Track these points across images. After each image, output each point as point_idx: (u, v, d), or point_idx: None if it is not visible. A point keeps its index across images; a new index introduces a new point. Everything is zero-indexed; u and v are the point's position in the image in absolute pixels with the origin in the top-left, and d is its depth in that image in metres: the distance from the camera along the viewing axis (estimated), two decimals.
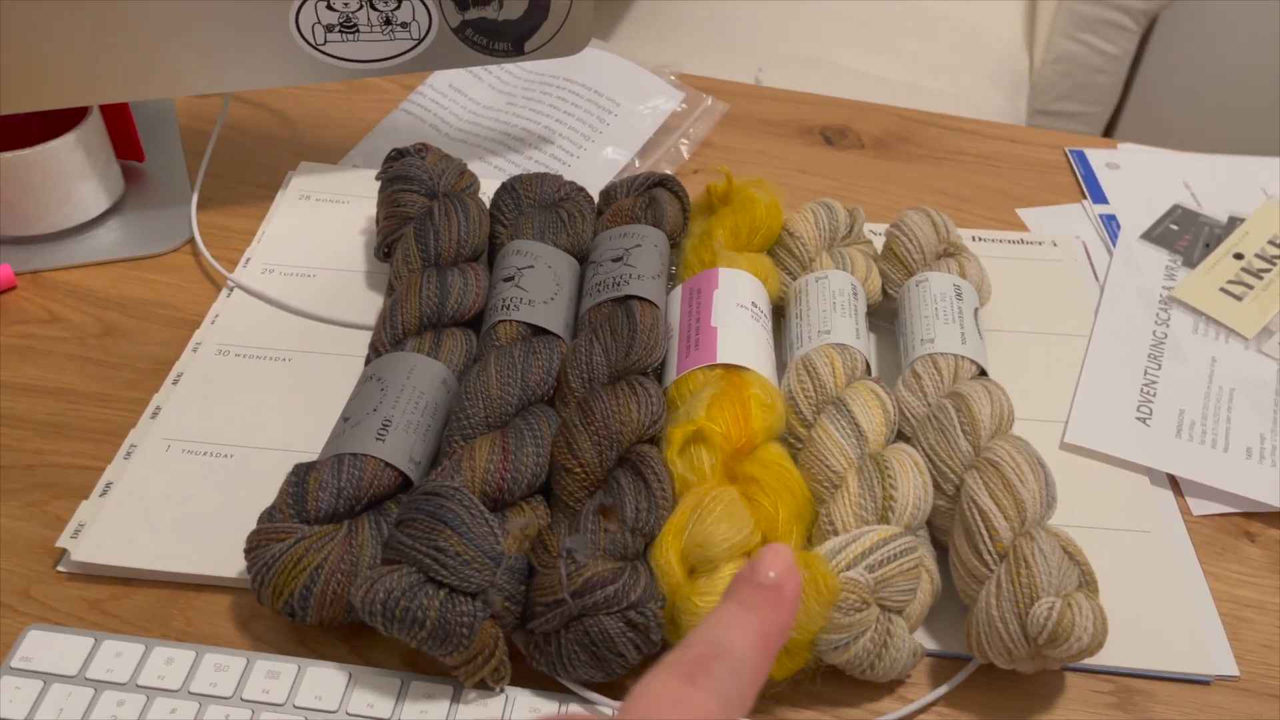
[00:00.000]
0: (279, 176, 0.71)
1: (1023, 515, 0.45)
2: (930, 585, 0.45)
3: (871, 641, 0.43)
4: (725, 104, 0.79)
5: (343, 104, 0.78)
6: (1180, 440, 0.56)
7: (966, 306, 0.56)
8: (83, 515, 0.50)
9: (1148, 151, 0.78)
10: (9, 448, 0.54)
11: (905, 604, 0.44)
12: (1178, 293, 0.65)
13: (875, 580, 0.43)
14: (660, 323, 0.54)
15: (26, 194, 0.62)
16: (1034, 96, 1.44)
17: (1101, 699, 0.46)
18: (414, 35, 0.63)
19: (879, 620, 0.43)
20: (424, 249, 0.58)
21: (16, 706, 0.43)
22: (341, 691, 0.43)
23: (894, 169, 0.75)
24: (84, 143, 0.63)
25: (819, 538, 0.46)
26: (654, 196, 0.62)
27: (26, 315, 0.61)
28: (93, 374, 0.58)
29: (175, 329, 0.60)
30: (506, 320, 0.55)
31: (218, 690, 0.43)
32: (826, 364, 0.52)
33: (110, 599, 0.48)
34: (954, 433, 0.48)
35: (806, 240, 0.59)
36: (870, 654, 0.43)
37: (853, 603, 0.42)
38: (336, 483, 0.46)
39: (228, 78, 0.62)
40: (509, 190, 0.63)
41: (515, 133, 0.75)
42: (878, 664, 0.43)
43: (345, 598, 0.44)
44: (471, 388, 0.50)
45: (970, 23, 1.32)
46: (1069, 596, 0.42)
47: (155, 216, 0.68)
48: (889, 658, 0.43)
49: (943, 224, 0.60)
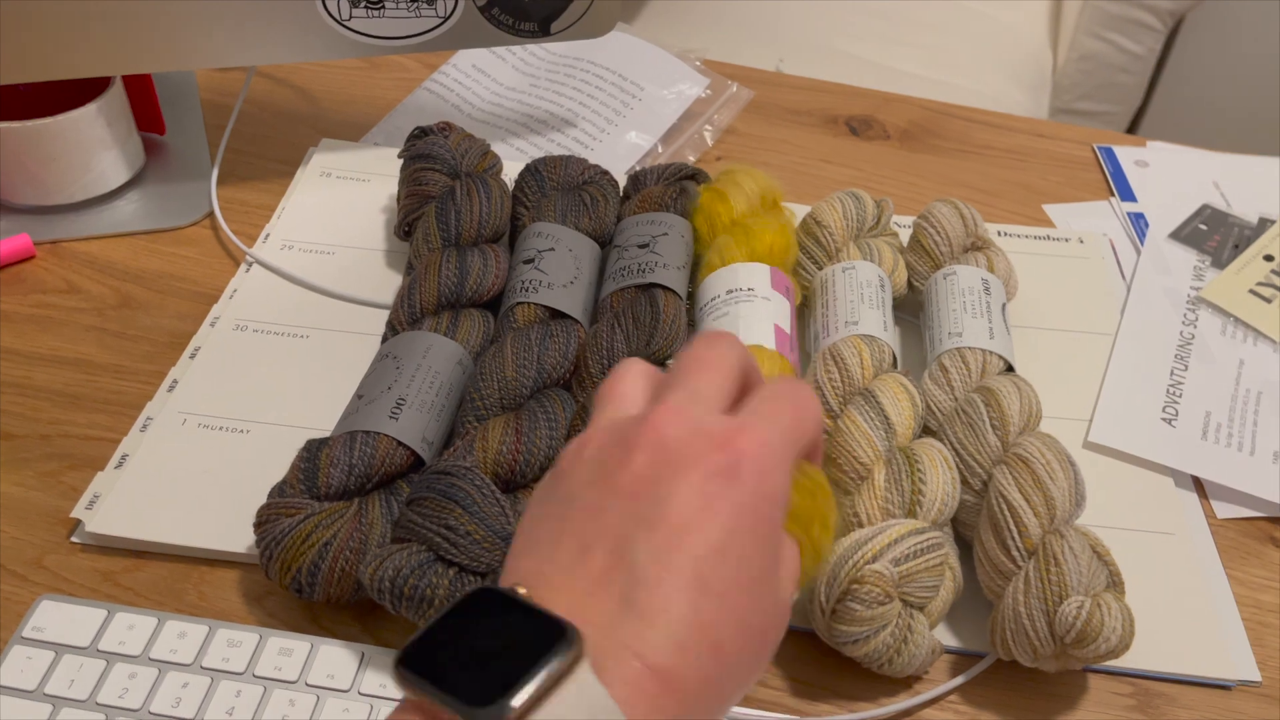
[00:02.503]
0: (300, 153, 0.71)
1: (1052, 512, 0.44)
2: (953, 583, 0.45)
3: (892, 636, 0.42)
4: (750, 91, 0.78)
5: (365, 82, 0.78)
6: (1206, 442, 0.55)
7: (994, 301, 0.55)
8: (98, 486, 0.50)
9: (1177, 150, 0.77)
10: (25, 417, 0.53)
11: (928, 601, 0.44)
12: (1206, 293, 0.64)
13: (900, 575, 0.42)
14: (682, 314, 0.54)
15: (47, 163, 0.62)
16: (1056, 95, 1.43)
17: (1121, 701, 0.45)
18: (440, 13, 0.63)
19: (900, 615, 0.43)
20: (445, 228, 0.58)
21: (28, 676, 0.42)
22: (354, 670, 0.43)
23: (919, 161, 0.75)
24: (106, 113, 0.63)
25: (843, 530, 0.46)
26: (684, 188, 0.61)
27: (45, 285, 0.61)
28: (110, 345, 0.57)
29: (193, 303, 0.60)
30: (525, 302, 0.54)
31: (230, 666, 0.43)
32: (854, 355, 0.51)
33: (123, 571, 0.47)
34: (983, 427, 0.48)
35: (834, 230, 0.58)
36: (890, 648, 0.42)
37: (876, 596, 0.42)
38: (348, 460, 0.46)
39: (252, 51, 0.62)
40: (533, 172, 0.62)
41: (538, 115, 0.75)
42: (896, 659, 0.43)
43: (354, 575, 0.44)
44: (487, 369, 0.50)
45: (994, 19, 1.31)
46: (1098, 596, 0.42)
47: (175, 190, 0.67)
48: (908, 653, 0.43)
49: (971, 217, 0.59)
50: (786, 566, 0.32)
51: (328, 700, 0.42)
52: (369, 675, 0.43)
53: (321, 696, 0.42)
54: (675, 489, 0.29)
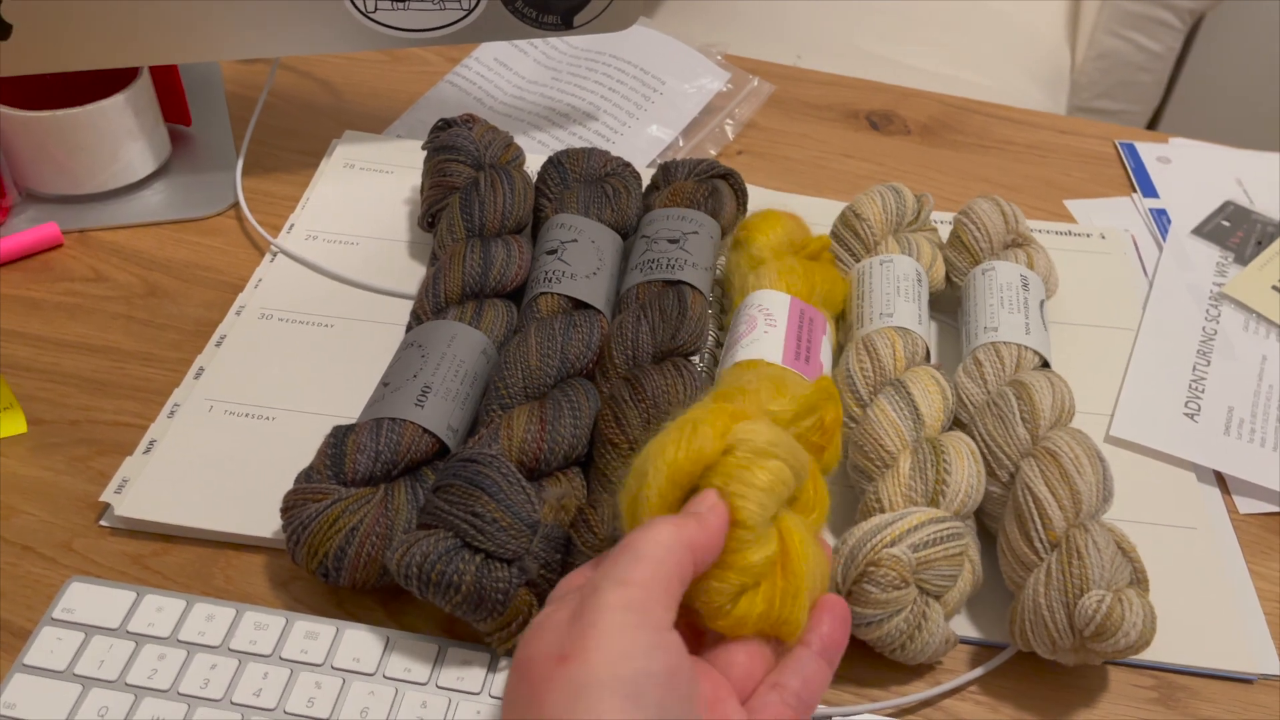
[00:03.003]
0: (323, 144, 0.71)
1: (1078, 506, 0.44)
2: (971, 576, 0.45)
3: (905, 622, 0.42)
4: (771, 85, 0.78)
5: (387, 74, 0.78)
6: (1229, 437, 0.55)
7: (1033, 297, 0.55)
8: (126, 471, 0.50)
9: (1200, 146, 0.76)
10: (55, 403, 0.54)
11: (945, 590, 0.44)
12: (1228, 289, 0.64)
13: (917, 561, 0.43)
14: (707, 312, 0.54)
15: (76, 153, 0.63)
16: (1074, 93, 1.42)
17: (1143, 694, 0.45)
18: (464, 6, 0.63)
19: (915, 602, 0.43)
20: (468, 219, 0.58)
21: (58, 657, 0.43)
22: (379, 655, 0.44)
23: (940, 156, 0.75)
24: (133, 104, 0.63)
25: (864, 515, 0.46)
26: (715, 187, 0.61)
27: (73, 273, 0.61)
28: (137, 333, 0.58)
29: (219, 291, 0.61)
30: (548, 293, 0.55)
31: (257, 648, 0.43)
32: (887, 345, 0.51)
33: (151, 555, 0.48)
34: (1013, 420, 0.48)
35: (873, 223, 0.58)
36: (903, 634, 0.43)
37: (891, 580, 0.42)
38: (374, 446, 0.47)
39: (277, 42, 0.62)
40: (555, 164, 0.62)
41: (560, 108, 0.75)
42: (909, 645, 0.43)
43: (379, 560, 0.44)
44: (511, 358, 0.50)
45: (1012, 16, 1.31)
46: (1120, 591, 0.42)
47: (201, 180, 0.68)
48: (920, 640, 0.43)
49: (1012, 214, 0.59)
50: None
51: (353, 683, 0.43)
52: (394, 659, 0.43)
53: (347, 680, 0.43)
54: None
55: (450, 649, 0.44)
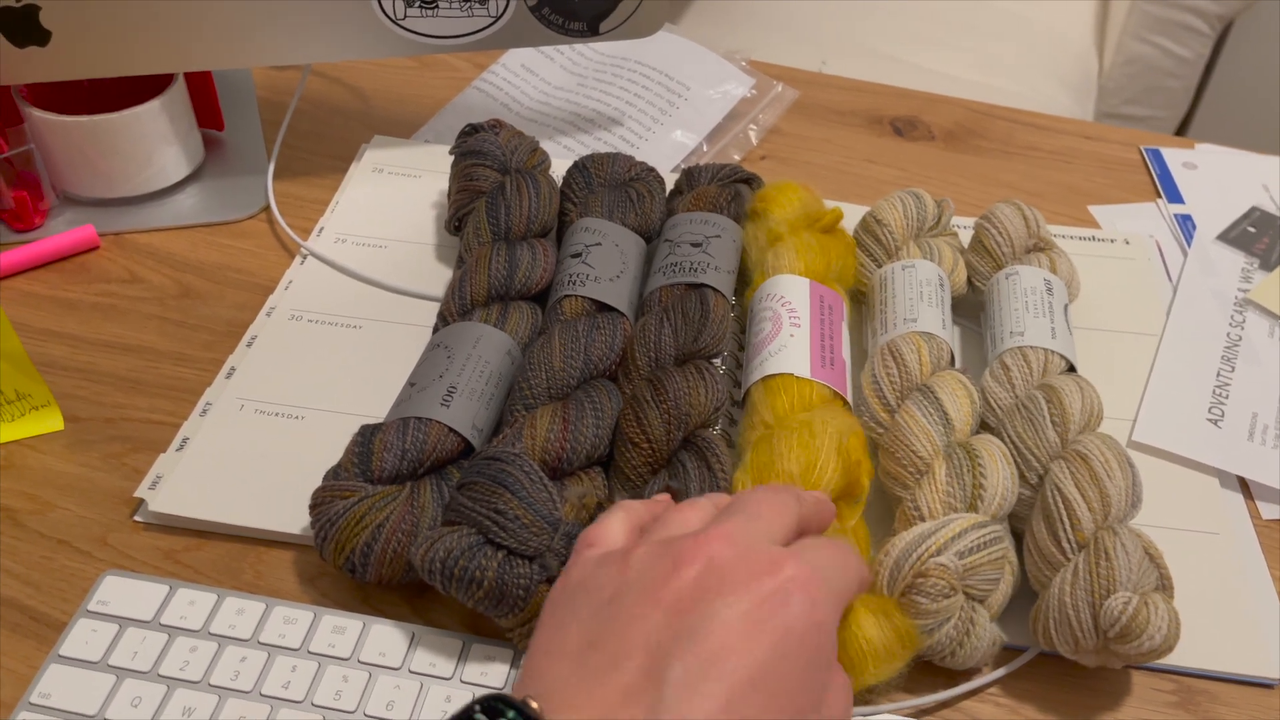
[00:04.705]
0: (353, 149, 0.72)
1: (1107, 509, 0.44)
2: (1011, 576, 0.45)
3: (955, 629, 0.43)
4: (795, 91, 0.78)
5: (415, 81, 0.80)
6: (1252, 443, 0.55)
7: (1057, 302, 0.55)
8: (160, 468, 0.51)
9: (1226, 152, 0.76)
10: (91, 401, 0.55)
11: (989, 594, 0.44)
12: (1254, 295, 0.63)
13: (964, 568, 0.43)
14: (729, 316, 0.55)
15: (112, 157, 0.64)
16: (1102, 99, 1.41)
17: (1162, 698, 0.45)
18: (491, 12, 0.64)
19: (963, 608, 0.43)
20: (494, 223, 0.59)
21: (92, 648, 0.44)
22: (405, 650, 0.44)
23: (964, 162, 0.75)
24: (168, 109, 0.65)
25: (904, 523, 0.46)
26: (738, 192, 0.62)
27: (109, 275, 0.63)
28: (171, 333, 0.59)
29: (250, 293, 0.62)
30: (572, 295, 0.55)
31: (286, 642, 0.44)
32: (913, 351, 0.51)
33: (184, 550, 0.49)
34: (1043, 423, 0.48)
35: (894, 229, 0.58)
36: (953, 641, 0.43)
37: (941, 589, 0.42)
38: (401, 445, 0.47)
39: (308, 49, 0.63)
40: (580, 169, 0.63)
41: (585, 113, 0.76)
42: (959, 651, 0.43)
43: (405, 557, 0.45)
44: (535, 359, 0.51)
45: (1039, 22, 1.30)
46: (1146, 595, 0.42)
47: (233, 184, 0.69)
48: (970, 645, 0.43)
49: (1033, 219, 0.59)
50: (835, 698, 0.31)
51: (379, 677, 0.43)
52: (419, 654, 0.44)
53: (373, 673, 0.44)
54: (720, 610, 0.29)
55: (474, 645, 0.45)
